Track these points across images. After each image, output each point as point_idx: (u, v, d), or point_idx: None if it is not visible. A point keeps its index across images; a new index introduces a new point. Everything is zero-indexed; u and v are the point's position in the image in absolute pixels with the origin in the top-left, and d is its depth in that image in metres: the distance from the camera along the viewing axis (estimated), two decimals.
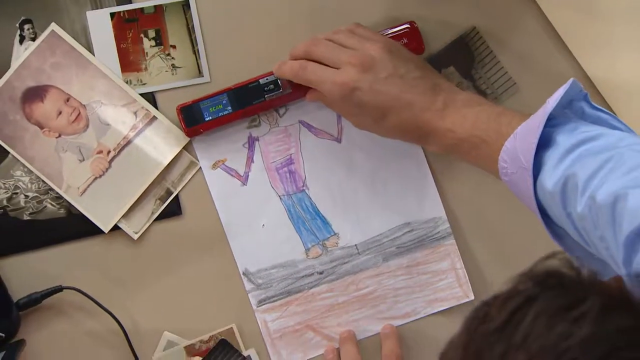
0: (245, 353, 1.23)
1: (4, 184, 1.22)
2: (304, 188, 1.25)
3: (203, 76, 1.25)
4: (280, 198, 1.25)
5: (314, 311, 1.25)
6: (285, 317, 1.24)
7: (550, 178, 0.88)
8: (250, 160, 1.25)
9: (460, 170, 1.26)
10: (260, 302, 1.24)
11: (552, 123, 0.91)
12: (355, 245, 1.25)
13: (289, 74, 1.17)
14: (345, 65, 1.10)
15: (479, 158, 1.04)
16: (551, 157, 0.90)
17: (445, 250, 1.26)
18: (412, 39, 1.23)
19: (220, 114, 1.21)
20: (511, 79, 1.26)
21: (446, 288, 1.26)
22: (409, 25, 1.23)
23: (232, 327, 1.23)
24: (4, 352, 1.15)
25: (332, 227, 1.25)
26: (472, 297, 1.26)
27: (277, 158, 1.25)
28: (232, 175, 1.24)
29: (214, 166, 1.24)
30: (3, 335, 1.17)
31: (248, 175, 1.24)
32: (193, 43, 1.25)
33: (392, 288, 1.26)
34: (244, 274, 1.24)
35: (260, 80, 1.21)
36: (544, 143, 0.91)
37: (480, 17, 1.27)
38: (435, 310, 1.26)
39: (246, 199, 1.25)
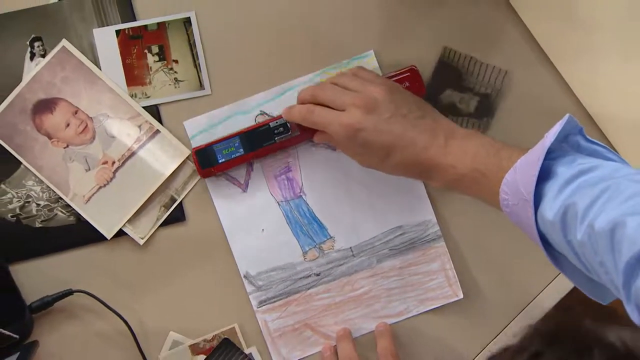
0: (246, 351, 1.25)
1: (17, 193, 1.25)
2: (301, 194, 1.27)
3: (204, 89, 1.27)
4: (279, 204, 1.27)
5: (312, 311, 1.27)
6: (284, 316, 1.27)
7: (550, 208, 0.90)
8: (250, 168, 1.27)
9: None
10: (261, 303, 1.26)
11: (550, 156, 0.93)
12: (350, 248, 1.27)
13: (297, 117, 1.19)
14: (350, 108, 1.12)
15: (480, 191, 1.05)
16: (551, 189, 0.91)
17: (436, 252, 1.28)
18: (413, 82, 1.24)
19: (232, 156, 1.24)
20: (501, 69, 1.28)
21: (437, 288, 1.28)
22: (410, 70, 1.25)
23: (234, 327, 1.26)
24: (18, 352, 1.18)
25: (328, 231, 1.27)
26: (461, 296, 1.27)
27: (275, 166, 1.27)
28: (233, 183, 1.26)
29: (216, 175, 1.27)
30: (17, 337, 1.20)
31: (248, 183, 1.27)
32: (194, 58, 1.27)
33: (386, 288, 1.28)
34: (244, 276, 1.26)
35: (270, 124, 1.23)
36: (543, 175, 0.92)
37: (457, 32, 1.29)
38: (427, 309, 1.28)
39: (246, 205, 1.27)
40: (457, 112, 1.29)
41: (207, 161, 1.24)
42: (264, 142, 1.24)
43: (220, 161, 1.23)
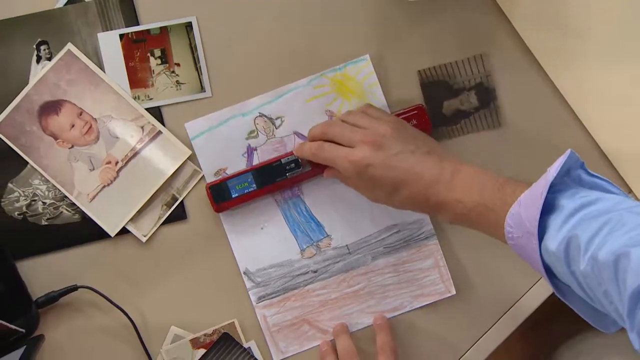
0: (246, 345, 1.26)
1: (24, 191, 1.27)
2: (299, 194, 1.29)
3: (205, 91, 1.29)
4: (278, 203, 1.29)
5: (309, 306, 1.29)
6: (282, 312, 1.28)
7: (554, 240, 0.90)
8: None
9: None
10: (260, 299, 1.28)
11: (552, 190, 0.94)
12: (347, 245, 1.29)
13: (308, 154, 1.21)
14: (358, 144, 1.13)
15: (485, 225, 1.05)
16: (554, 221, 0.92)
17: (429, 249, 1.29)
18: (420, 120, 1.26)
19: (245, 191, 1.25)
20: (475, 56, 1.29)
21: (430, 284, 1.29)
22: (417, 108, 1.27)
23: (233, 322, 1.27)
24: (24, 346, 1.19)
25: (325, 229, 1.29)
26: (454, 292, 1.28)
27: None
28: None
29: (216, 174, 1.28)
30: (24, 331, 1.22)
31: None
32: (196, 61, 1.29)
33: (381, 285, 1.29)
34: (244, 273, 1.28)
35: (282, 160, 1.25)
36: (547, 208, 0.93)
37: (449, 37, 1.31)
38: (421, 305, 1.29)
39: (246, 204, 1.28)
40: (465, 114, 1.30)
41: (221, 196, 1.26)
42: (276, 178, 1.25)
43: (233, 196, 1.25)
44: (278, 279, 1.29)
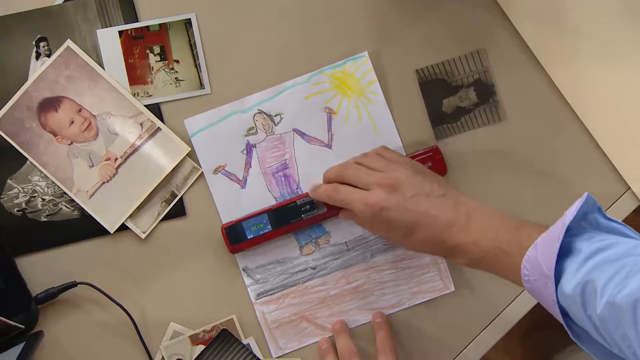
0: (244, 341, 1.27)
1: (23, 188, 1.27)
2: (298, 190, 1.29)
3: (204, 88, 1.29)
4: (276, 200, 1.29)
5: (308, 303, 1.28)
6: (281, 308, 1.28)
7: (570, 283, 0.90)
8: (248, 165, 1.29)
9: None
10: (259, 295, 1.28)
11: (569, 233, 0.94)
12: (345, 242, 1.29)
13: (323, 196, 1.20)
14: (374, 187, 1.13)
15: (501, 268, 1.05)
16: (571, 264, 0.91)
17: None
18: (435, 162, 1.27)
19: (261, 233, 1.25)
20: (472, 52, 1.30)
21: (429, 281, 1.29)
22: (432, 150, 1.27)
23: (232, 318, 1.27)
24: (24, 342, 1.19)
25: (324, 227, 1.29)
26: (453, 289, 1.29)
27: (273, 163, 1.29)
28: (231, 179, 1.28)
29: (215, 171, 1.28)
30: (23, 327, 1.21)
31: (246, 179, 1.28)
32: (195, 58, 1.29)
33: (379, 281, 1.29)
34: (243, 269, 1.28)
35: (297, 202, 1.25)
36: (563, 252, 0.93)
37: (447, 33, 1.31)
38: (419, 301, 1.29)
39: (245, 201, 1.28)
40: (465, 110, 1.30)
41: (236, 237, 1.26)
42: (292, 219, 1.26)
43: (249, 237, 1.26)
44: (277, 275, 1.29)
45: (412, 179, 1.13)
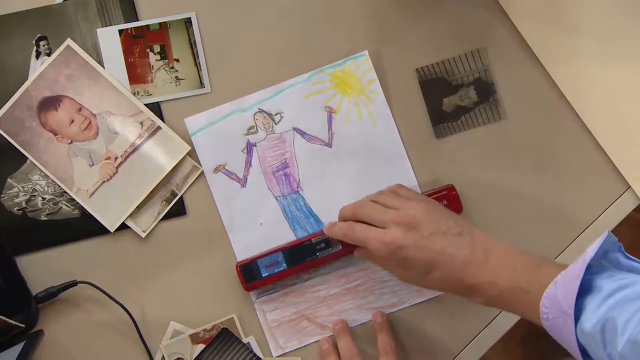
0: (245, 340, 1.27)
1: (23, 187, 1.27)
2: (298, 189, 1.29)
3: (204, 87, 1.29)
4: (277, 199, 1.29)
5: (308, 302, 1.28)
6: (281, 307, 1.28)
7: (590, 321, 0.90)
8: (248, 164, 1.29)
9: (440, 172, 1.29)
10: (259, 294, 1.27)
11: (589, 271, 0.93)
12: None
13: (339, 234, 1.19)
14: (390, 225, 1.12)
15: (519, 306, 1.04)
16: (591, 302, 0.91)
17: None
18: (451, 200, 1.26)
19: (276, 271, 1.25)
20: (472, 51, 1.30)
21: None
22: (447, 188, 1.27)
23: (232, 317, 1.27)
24: (24, 341, 1.19)
25: (324, 225, 1.27)
26: None
27: (273, 162, 1.29)
28: (232, 178, 1.28)
29: (215, 170, 1.28)
30: (23, 326, 1.22)
31: (247, 178, 1.29)
32: (195, 57, 1.29)
33: (380, 281, 1.28)
34: None
35: (312, 240, 1.25)
36: (583, 289, 0.92)
37: (448, 32, 1.31)
38: (419, 300, 1.28)
39: (245, 200, 1.28)
40: (465, 109, 1.30)
41: (251, 276, 1.26)
42: (307, 257, 1.25)
43: (263, 275, 1.25)
44: None
45: (429, 217, 1.12)
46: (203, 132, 1.29)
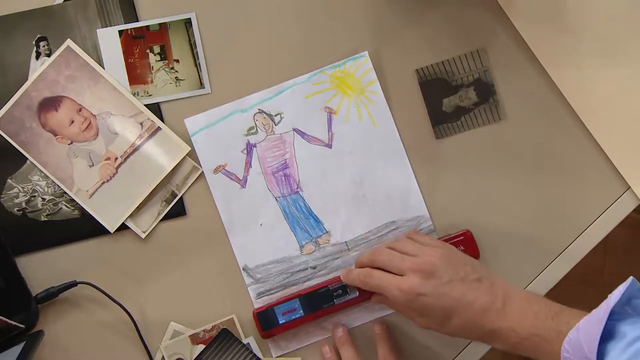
0: (244, 341, 1.27)
1: (23, 187, 1.27)
2: (298, 190, 1.29)
3: (204, 88, 1.29)
4: (277, 199, 1.29)
5: None
6: None
7: None
8: (248, 165, 1.29)
9: (440, 172, 1.29)
10: (259, 295, 1.28)
11: (612, 317, 0.92)
12: (346, 242, 1.29)
13: (356, 281, 1.20)
14: (408, 272, 1.12)
15: (539, 354, 1.04)
16: (614, 348, 0.91)
17: None
18: (468, 245, 1.26)
19: (293, 317, 1.25)
20: (472, 52, 1.30)
21: None
22: (464, 234, 1.27)
23: (232, 318, 1.27)
24: (24, 342, 1.19)
25: (324, 226, 1.29)
26: None
27: (273, 163, 1.29)
28: (232, 179, 1.29)
29: (215, 171, 1.29)
30: (23, 326, 1.22)
31: (247, 179, 1.29)
32: (195, 57, 1.29)
33: None
34: (243, 269, 1.28)
35: (329, 286, 1.25)
36: (606, 335, 0.92)
37: (448, 33, 1.31)
38: None
39: (245, 200, 1.29)
40: (465, 110, 1.30)
41: (268, 323, 1.25)
42: (323, 304, 1.25)
43: (280, 322, 1.25)
44: (277, 275, 1.29)
45: (446, 263, 1.12)
46: (203, 132, 1.29)
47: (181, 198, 1.29)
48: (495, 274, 1.14)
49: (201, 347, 1.27)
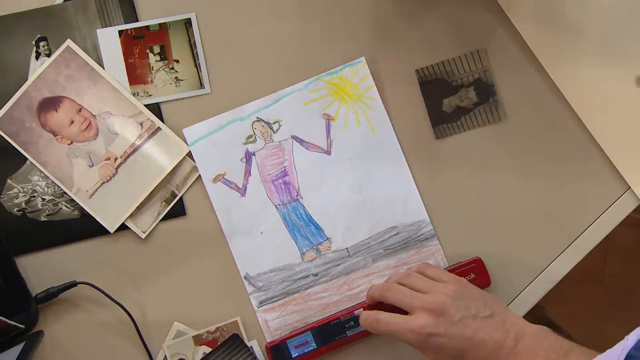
0: (248, 344, 1.27)
1: (23, 188, 1.28)
2: (298, 197, 1.29)
3: (204, 88, 1.29)
4: (277, 207, 1.29)
5: (310, 310, 1.28)
6: (284, 315, 1.28)
7: None
8: (247, 173, 1.29)
9: (440, 172, 1.29)
10: (261, 303, 1.28)
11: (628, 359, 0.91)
12: (346, 248, 1.29)
13: (365, 326, 1.16)
14: (419, 312, 1.10)
15: None
16: None
17: (429, 250, 1.28)
18: (478, 273, 1.26)
19: (306, 351, 1.25)
20: (472, 52, 1.30)
21: None
22: (475, 261, 1.26)
23: (236, 320, 1.27)
24: (24, 342, 1.20)
25: (324, 233, 1.29)
26: None
27: (272, 171, 1.29)
28: (231, 187, 1.29)
29: (215, 180, 1.28)
30: (23, 327, 1.22)
31: (246, 187, 1.29)
32: (195, 57, 1.29)
33: None
34: (245, 277, 1.28)
35: (340, 318, 1.25)
36: None
37: (447, 35, 1.31)
38: None
39: (245, 209, 1.29)
40: (465, 110, 1.30)
41: (281, 357, 1.25)
42: (336, 336, 1.25)
43: (294, 356, 1.25)
44: (279, 283, 1.29)
45: (458, 301, 1.11)
46: (202, 142, 1.29)
47: (181, 198, 1.29)
48: (507, 308, 1.13)
49: (204, 347, 1.27)
